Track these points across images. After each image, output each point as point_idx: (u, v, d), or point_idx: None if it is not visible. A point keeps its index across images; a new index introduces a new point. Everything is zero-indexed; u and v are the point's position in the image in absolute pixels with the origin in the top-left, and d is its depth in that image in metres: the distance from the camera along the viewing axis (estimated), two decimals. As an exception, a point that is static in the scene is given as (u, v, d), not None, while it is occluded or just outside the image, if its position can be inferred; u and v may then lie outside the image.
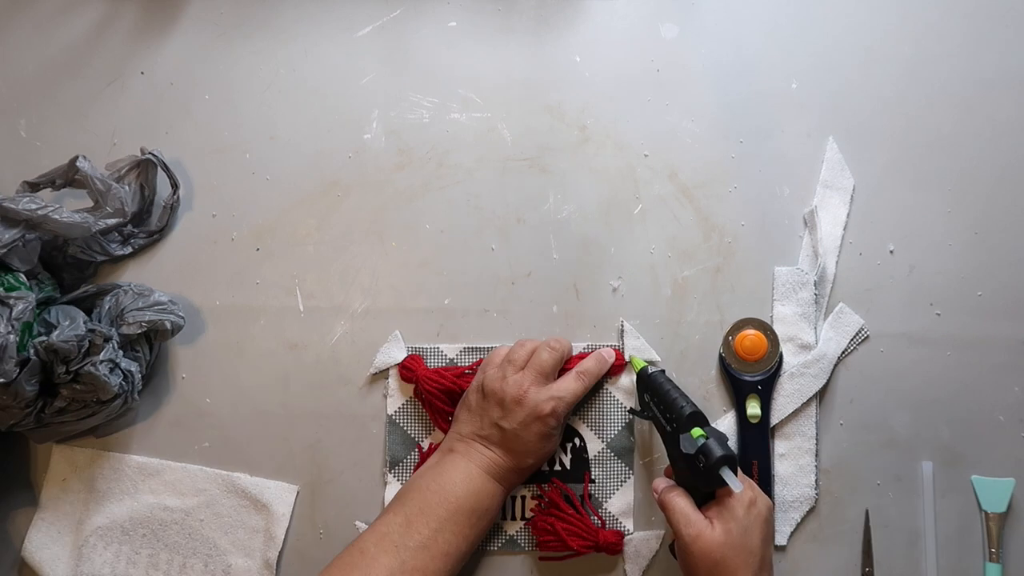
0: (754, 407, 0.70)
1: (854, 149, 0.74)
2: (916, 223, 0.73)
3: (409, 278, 0.73)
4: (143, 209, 0.72)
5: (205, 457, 0.71)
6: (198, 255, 0.74)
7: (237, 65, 0.76)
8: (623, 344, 0.72)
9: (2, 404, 0.62)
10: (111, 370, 0.65)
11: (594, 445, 0.71)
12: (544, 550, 0.69)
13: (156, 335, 0.69)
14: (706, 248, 0.73)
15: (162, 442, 0.71)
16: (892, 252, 0.73)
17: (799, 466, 0.70)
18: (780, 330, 0.71)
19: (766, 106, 0.75)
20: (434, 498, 0.63)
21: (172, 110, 0.75)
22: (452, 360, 0.72)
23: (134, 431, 0.71)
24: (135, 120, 0.75)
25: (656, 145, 0.75)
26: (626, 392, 0.71)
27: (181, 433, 0.71)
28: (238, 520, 0.70)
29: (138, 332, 0.67)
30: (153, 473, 0.71)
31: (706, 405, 0.71)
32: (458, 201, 0.74)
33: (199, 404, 0.72)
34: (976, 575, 0.69)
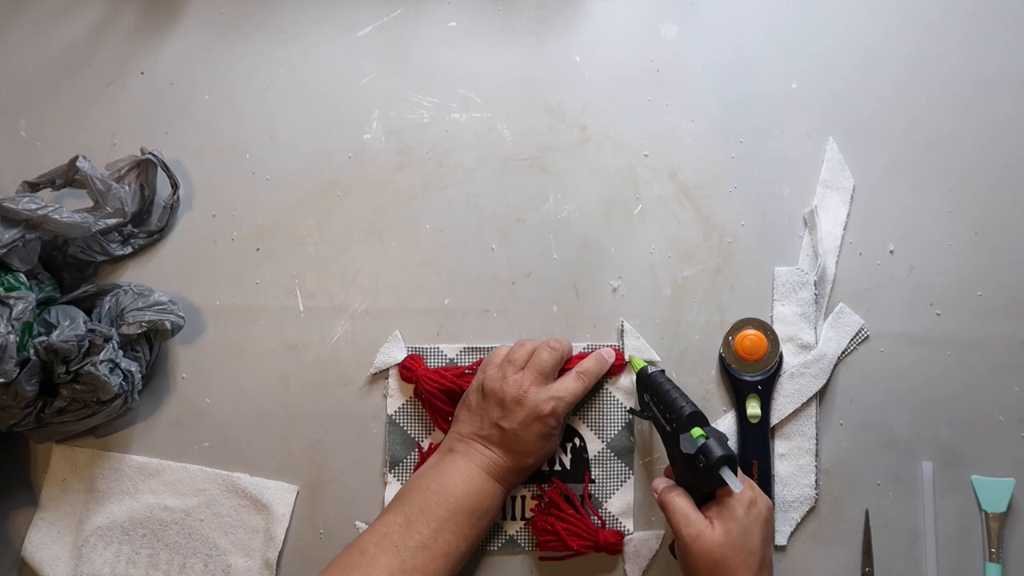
0: (754, 407, 0.70)
1: (854, 149, 0.74)
2: (916, 223, 0.73)
3: (409, 278, 0.73)
4: (143, 209, 0.73)
5: (205, 457, 0.71)
6: (198, 255, 0.74)
7: (237, 65, 0.76)
8: (623, 344, 0.72)
9: (2, 404, 0.62)
10: (111, 370, 0.65)
11: (594, 445, 0.71)
12: (544, 550, 0.69)
13: (156, 335, 0.69)
14: (706, 248, 0.73)
15: (162, 442, 0.71)
16: (892, 252, 0.73)
17: (799, 466, 0.70)
18: (780, 330, 0.71)
19: (766, 106, 0.75)
20: (434, 498, 0.63)
21: (172, 110, 0.75)
22: (452, 360, 0.72)
23: (134, 431, 0.71)
24: (135, 120, 0.75)
25: (656, 145, 0.75)
26: (626, 392, 0.71)
27: (181, 433, 0.71)
28: (238, 520, 0.70)
29: (138, 332, 0.67)
30: (153, 473, 0.71)
31: (706, 405, 0.71)
32: (458, 201, 0.74)
33: (199, 404, 0.72)
34: (976, 575, 0.70)
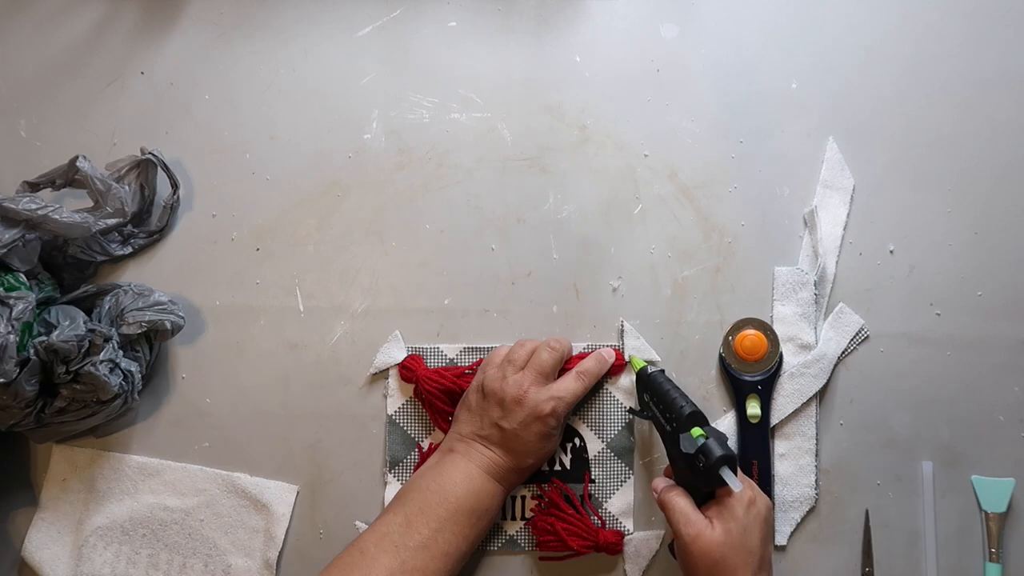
0: (754, 407, 0.70)
1: (854, 149, 0.74)
2: (916, 223, 0.73)
3: (409, 278, 0.73)
4: (143, 209, 0.73)
5: (205, 457, 0.71)
6: (198, 255, 0.74)
7: (237, 65, 0.76)
8: (623, 344, 0.72)
9: (2, 404, 0.62)
10: (111, 370, 0.65)
11: (594, 445, 0.71)
12: (544, 550, 0.69)
13: (156, 335, 0.69)
14: (706, 248, 0.73)
15: (162, 442, 0.71)
16: (892, 252, 0.73)
17: (799, 466, 0.70)
18: (780, 330, 0.71)
19: (766, 106, 0.75)
20: (434, 498, 0.63)
21: (172, 110, 0.75)
22: (452, 360, 0.72)
23: (134, 431, 0.71)
24: (135, 120, 0.75)
25: (656, 145, 0.75)
26: (626, 392, 0.71)
27: (181, 433, 0.71)
28: (238, 520, 0.70)
29: (138, 332, 0.67)
30: (153, 473, 0.71)
31: (706, 405, 0.71)
32: (458, 201, 0.74)
33: (199, 404, 0.72)
34: (976, 575, 0.70)
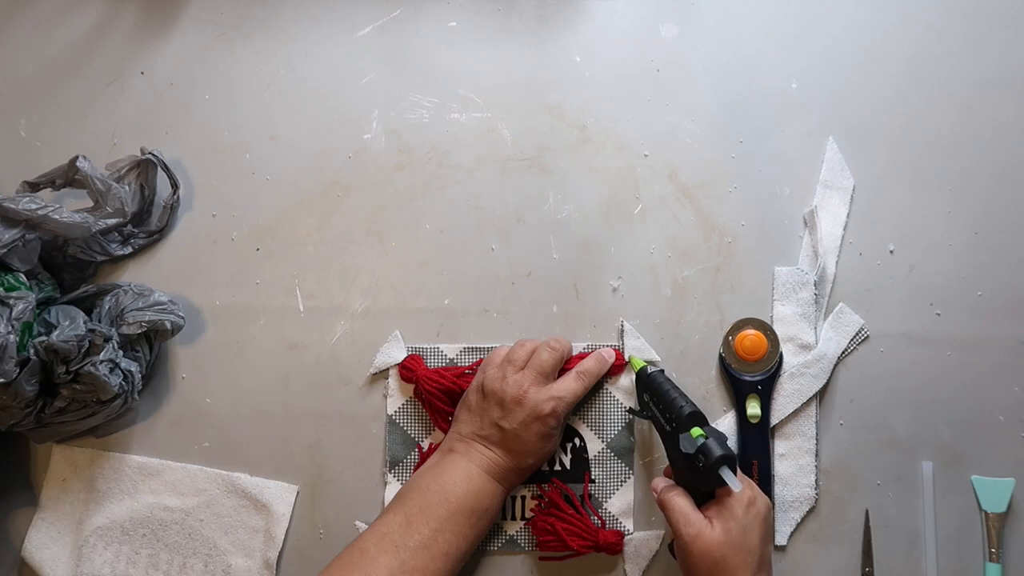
0: (754, 407, 0.70)
1: (854, 149, 0.74)
2: (916, 223, 0.73)
3: (409, 278, 0.73)
4: (143, 209, 0.73)
5: (205, 457, 0.71)
6: (198, 255, 0.74)
7: (237, 65, 0.76)
8: (623, 344, 0.72)
9: (2, 404, 0.62)
10: (111, 370, 0.65)
11: (594, 445, 0.71)
12: (544, 550, 0.69)
13: (156, 335, 0.69)
14: (706, 248, 0.73)
15: (162, 442, 0.71)
16: (892, 252, 0.73)
17: (799, 466, 0.70)
18: (780, 330, 0.71)
19: (766, 106, 0.75)
20: (434, 498, 0.63)
21: (172, 110, 0.75)
22: (452, 360, 0.72)
23: (134, 431, 0.71)
24: (135, 120, 0.75)
25: (656, 145, 0.75)
26: (626, 392, 0.71)
27: (181, 433, 0.71)
28: (238, 520, 0.70)
29: (138, 332, 0.67)
30: (153, 473, 0.71)
31: (706, 405, 0.71)
32: (458, 201, 0.74)
33: (199, 404, 0.72)
34: (976, 575, 0.70)
